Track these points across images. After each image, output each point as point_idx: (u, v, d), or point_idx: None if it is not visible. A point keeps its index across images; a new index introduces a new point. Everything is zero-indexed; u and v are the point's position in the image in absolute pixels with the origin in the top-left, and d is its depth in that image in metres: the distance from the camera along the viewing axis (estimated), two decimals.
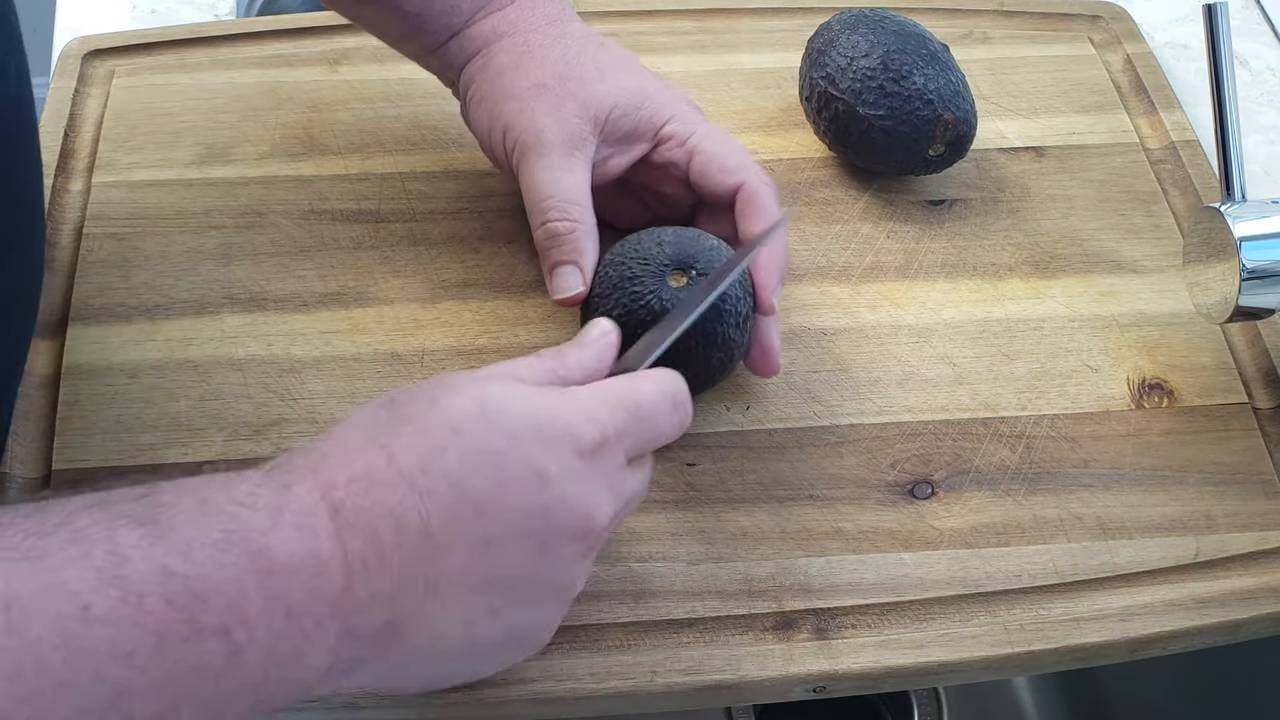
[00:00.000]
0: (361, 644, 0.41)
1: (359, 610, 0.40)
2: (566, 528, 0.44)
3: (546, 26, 0.60)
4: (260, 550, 0.38)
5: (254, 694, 0.38)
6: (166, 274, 0.63)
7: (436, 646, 0.43)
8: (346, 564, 0.40)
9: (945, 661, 0.53)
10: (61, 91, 0.70)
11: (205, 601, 0.37)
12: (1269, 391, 0.62)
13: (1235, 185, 0.60)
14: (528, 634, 0.46)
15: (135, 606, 0.35)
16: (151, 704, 0.36)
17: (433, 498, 0.41)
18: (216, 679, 0.37)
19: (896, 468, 0.58)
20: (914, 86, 0.64)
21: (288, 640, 0.38)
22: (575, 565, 0.45)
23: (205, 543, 0.38)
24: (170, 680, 0.36)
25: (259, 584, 0.38)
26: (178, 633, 0.36)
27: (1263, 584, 0.55)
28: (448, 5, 0.60)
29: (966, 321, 0.64)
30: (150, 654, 0.35)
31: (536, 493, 0.43)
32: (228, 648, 0.37)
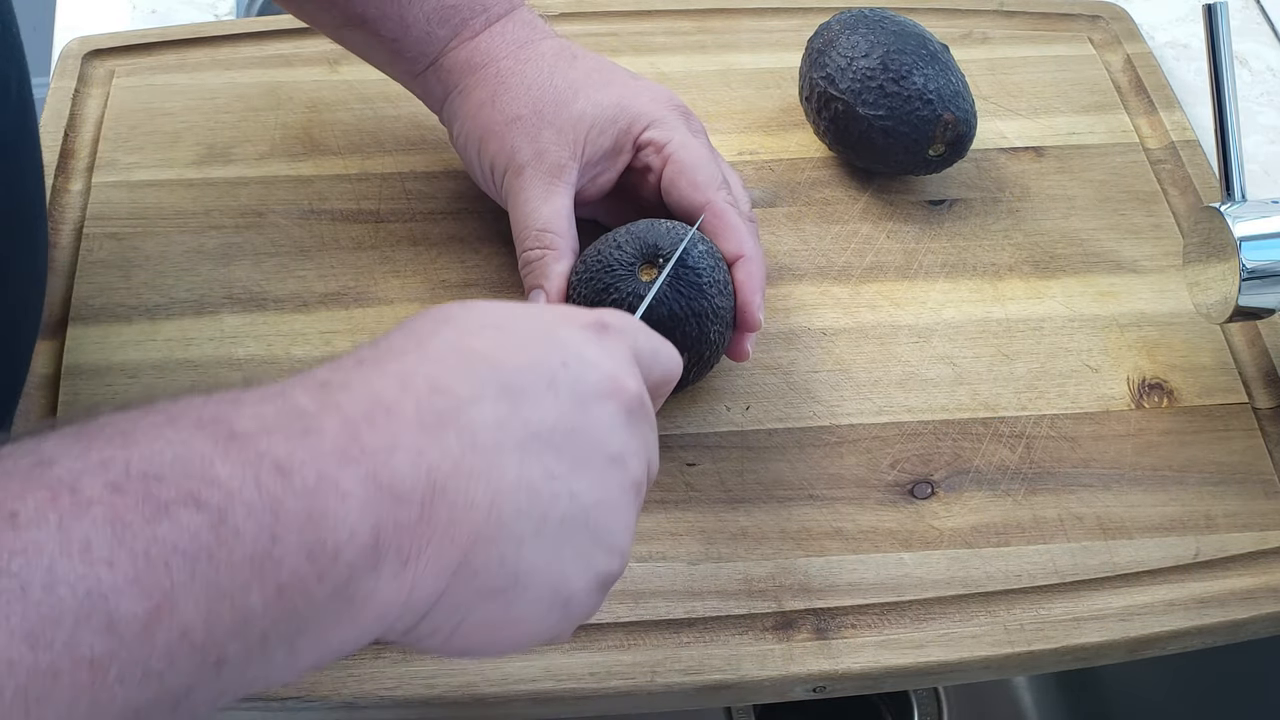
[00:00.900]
0: (406, 508, 0.35)
1: (381, 461, 0.35)
2: (592, 382, 0.40)
3: (516, 51, 0.61)
4: (216, 419, 0.34)
5: (275, 570, 0.33)
6: (166, 274, 0.63)
7: (501, 513, 0.37)
8: (343, 418, 0.35)
9: (945, 661, 0.53)
10: (61, 91, 0.70)
11: (159, 479, 0.32)
12: (1269, 391, 0.62)
13: (1235, 185, 0.60)
14: (599, 515, 0.40)
15: (71, 500, 0.30)
16: (137, 600, 0.30)
17: (438, 360, 0.38)
18: (211, 557, 0.31)
19: (896, 468, 0.58)
20: (914, 86, 0.64)
21: (290, 497, 0.33)
22: (619, 431, 0.40)
23: (145, 426, 0.33)
24: (149, 568, 0.30)
25: (224, 449, 0.33)
26: (136, 514, 0.31)
27: (1263, 584, 0.55)
28: (423, 33, 0.60)
29: (966, 321, 0.64)
30: (110, 543, 0.30)
31: (549, 348, 0.40)
32: (207, 517, 0.32)
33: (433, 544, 0.36)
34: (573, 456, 0.39)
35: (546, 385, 0.39)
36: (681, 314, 0.54)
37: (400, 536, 0.35)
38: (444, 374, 0.38)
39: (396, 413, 0.36)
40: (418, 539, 0.36)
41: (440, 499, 0.36)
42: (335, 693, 0.50)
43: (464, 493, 0.37)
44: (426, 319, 0.41)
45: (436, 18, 0.60)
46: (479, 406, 0.38)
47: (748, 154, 0.70)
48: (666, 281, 0.54)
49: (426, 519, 0.36)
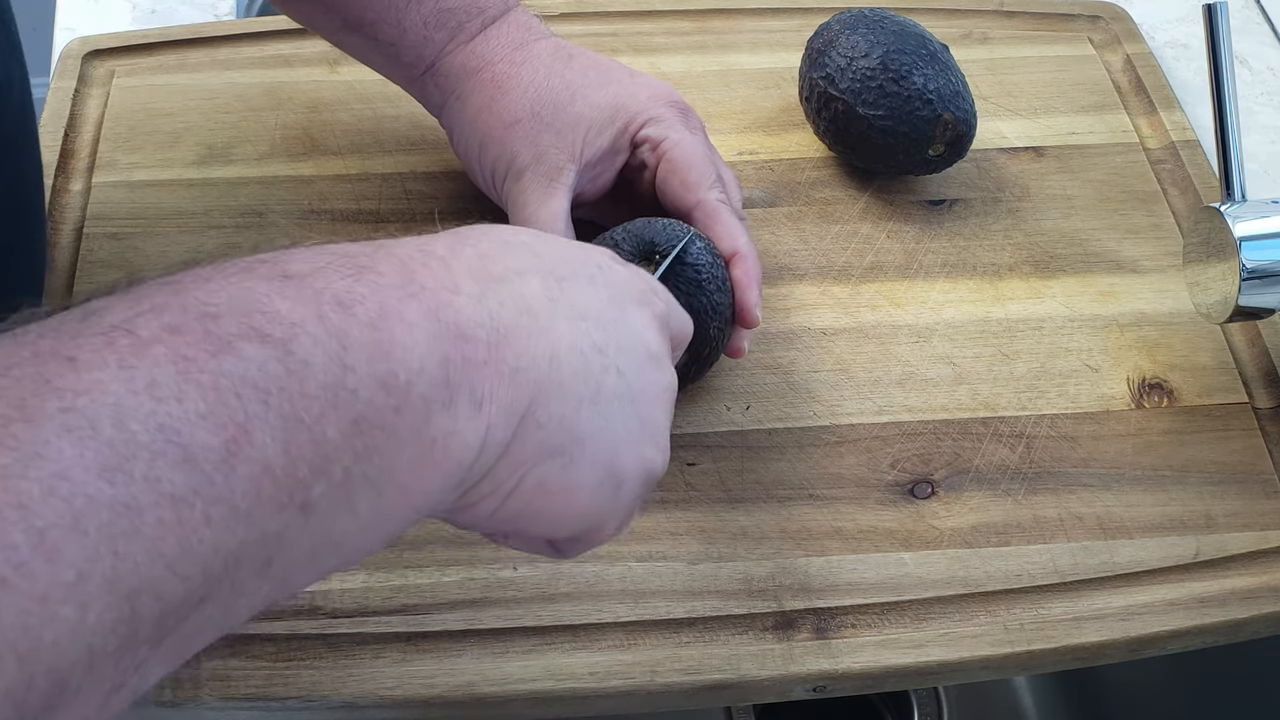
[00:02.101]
0: (473, 346, 0.35)
1: (442, 301, 0.35)
2: (624, 283, 0.42)
3: (513, 54, 0.61)
4: (266, 264, 0.33)
5: (350, 400, 0.32)
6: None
7: (560, 370, 0.37)
8: (399, 260, 0.35)
9: (945, 661, 0.53)
10: (61, 92, 0.70)
11: (216, 318, 0.30)
12: (1269, 391, 0.62)
13: (1235, 185, 0.60)
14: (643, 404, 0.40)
15: (128, 341, 0.29)
16: (211, 433, 0.29)
17: (479, 244, 0.38)
18: (282, 388, 0.30)
19: (896, 467, 0.58)
20: (914, 86, 0.64)
21: (355, 328, 0.32)
22: (655, 335, 0.42)
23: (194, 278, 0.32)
24: (220, 402, 0.29)
25: (279, 288, 0.32)
26: (199, 350, 0.30)
27: (1263, 584, 0.55)
28: (420, 37, 0.60)
29: (966, 321, 0.64)
30: (176, 380, 0.29)
31: (584, 256, 0.41)
32: (274, 350, 0.31)
33: (501, 388, 0.35)
34: (618, 339, 0.40)
35: (588, 279, 0.40)
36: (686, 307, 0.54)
37: (470, 374, 0.35)
38: (491, 250, 0.38)
39: (450, 264, 0.36)
40: (487, 380, 0.35)
41: (505, 344, 0.36)
42: (335, 692, 0.50)
43: (525, 344, 0.36)
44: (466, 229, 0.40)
45: (433, 21, 0.60)
46: (527, 279, 0.38)
47: (748, 154, 0.70)
48: (666, 278, 0.54)
49: (493, 361, 0.35)
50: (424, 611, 0.52)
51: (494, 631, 0.52)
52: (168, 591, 0.28)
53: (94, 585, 0.27)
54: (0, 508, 0.26)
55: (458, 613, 0.52)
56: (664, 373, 0.42)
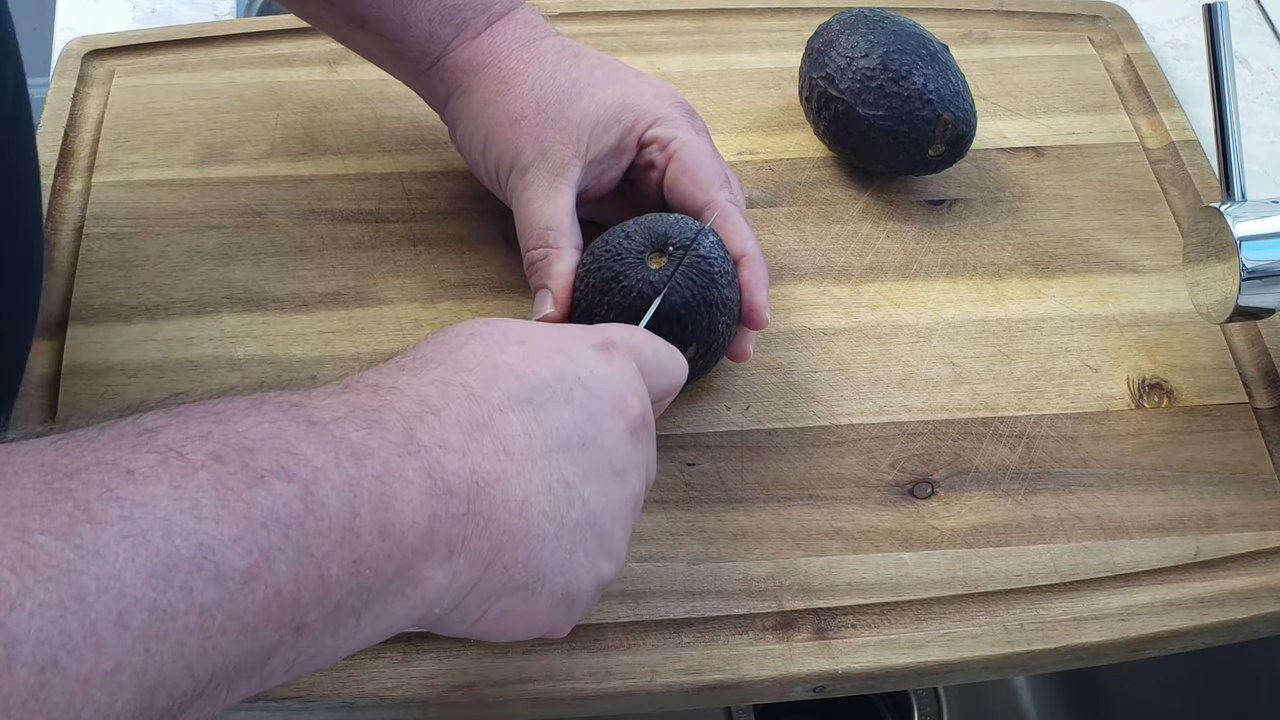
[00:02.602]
0: (456, 502, 0.39)
1: (434, 458, 0.39)
2: (604, 398, 0.44)
3: (519, 50, 0.61)
4: (296, 405, 0.38)
5: (354, 543, 0.36)
6: (166, 274, 0.63)
7: (529, 516, 0.41)
8: (400, 416, 0.39)
9: (945, 661, 0.53)
10: (61, 91, 0.70)
11: (253, 452, 0.35)
12: (1269, 391, 0.62)
13: (1235, 185, 0.60)
14: (604, 522, 0.44)
15: (179, 464, 0.34)
16: (240, 556, 0.33)
17: (469, 372, 0.42)
18: (301, 525, 0.35)
19: (896, 467, 0.58)
20: (914, 86, 0.64)
21: (365, 479, 0.37)
22: (624, 447, 0.45)
23: (233, 410, 0.36)
24: (250, 529, 0.34)
25: (306, 431, 0.37)
26: (237, 480, 0.34)
27: (1263, 584, 0.55)
28: (425, 33, 0.60)
29: (966, 321, 0.64)
30: (215, 504, 0.33)
31: (566, 366, 0.44)
32: (298, 489, 0.35)
33: (474, 536, 0.40)
34: (585, 466, 0.43)
35: (565, 399, 0.43)
36: (694, 302, 0.54)
37: (450, 527, 0.39)
38: (477, 383, 0.42)
39: (442, 416, 0.40)
40: (463, 530, 0.39)
41: (483, 496, 0.40)
42: (335, 692, 0.50)
43: (501, 492, 0.41)
44: (456, 333, 0.45)
45: (438, 17, 0.60)
46: (507, 416, 0.42)
47: (748, 154, 0.70)
48: (679, 271, 0.54)
49: (471, 513, 0.40)
50: None
51: None
52: (180, 689, 0.32)
53: (126, 676, 0.31)
54: (64, 598, 0.30)
55: None
56: (628, 484, 0.45)
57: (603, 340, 0.46)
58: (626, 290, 0.54)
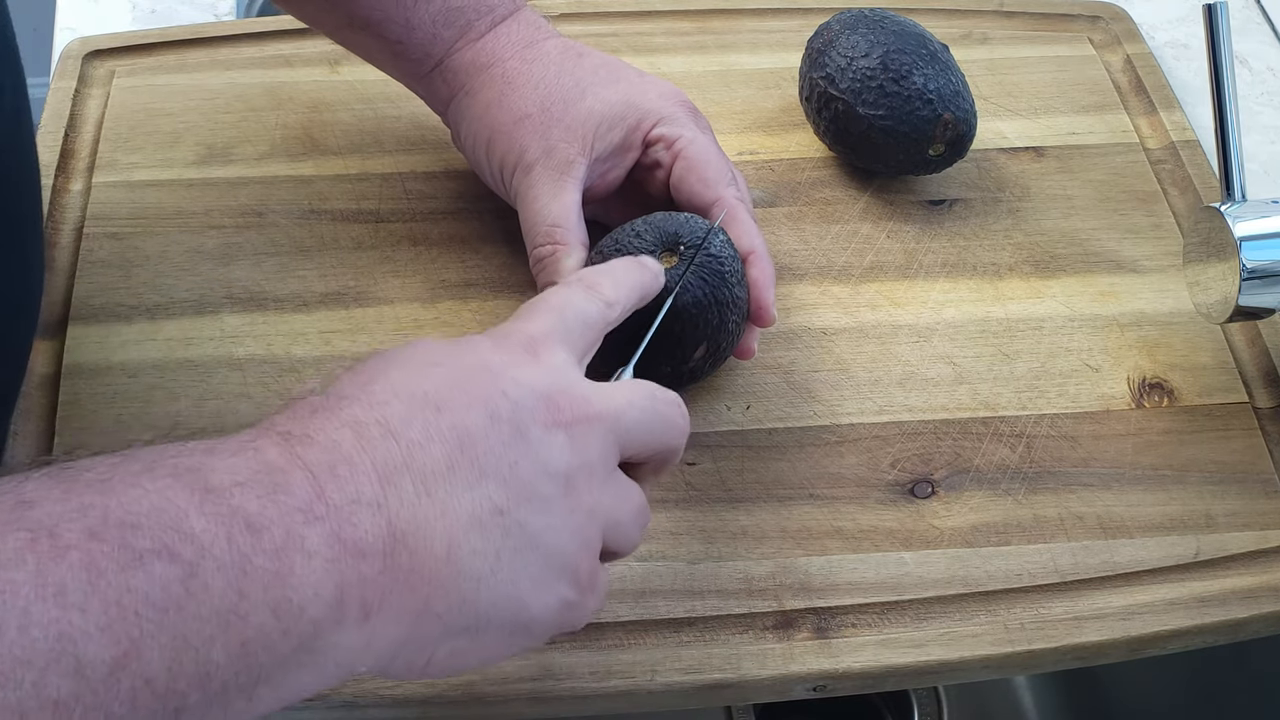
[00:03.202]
0: (370, 562, 0.37)
1: (344, 518, 0.37)
2: (530, 407, 0.42)
3: (522, 51, 0.61)
4: (193, 470, 0.35)
5: (240, 626, 0.34)
6: (166, 274, 0.63)
7: (458, 558, 0.39)
8: (308, 472, 0.37)
9: (945, 660, 0.53)
10: (61, 92, 0.70)
11: (136, 528, 0.33)
12: (1269, 391, 0.62)
13: (1235, 185, 0.60)
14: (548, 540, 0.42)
15: (49, 544, 0.31)
16: (105, 646, 0.31)
17: (385, 406, 0.40)
18: (180, 609, 0.33)
19: (897, 467, 0.58)
20: (914, 86, 0.64)
21: (259, 555, 0.34)
22: (561, 451, 0.42)
23: (124, 475, 0.34)
24: (120, 616, 0.32)
25: (199, 502, 0.34)
26: (112, 562, 0.32)
27: (1263, 583, 0.55)
28: (428, 35, 0.60)
29: (966, 321, 0.64)
30: (85, 589, 0.31)
31: (489, 381, 0.42)
32: (180, 570, 0.33)
33: (394, 593, 0.38)
34: (518, 487, 0.41)
35: (489, 418, 0.41)
36: (705, 302, 0.54)
37: (363, 589, 0.37)
38: (394, 418, 0.40)
39: (356, 464, 0.38)
40: (379, 590, 0.37)
41: (401, 549, 0.38)
42: (335, 692, 0.50)
43: (423, 540, 0.38)
44: (373, 363, 0.42)
45: (442, 19, 0.60)
46: (429, 450, 0.39)
47: (748, 154, 0.70)
48: (690, 270, 0.54)
49: (388, 569, 0.37)
50: None
51: None
52: None
53: None
54: None
55: None
56: (575, 489, 0.42)
57: (525, 340, 0.45)
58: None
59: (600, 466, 0.43)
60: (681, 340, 0.55)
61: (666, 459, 0.47)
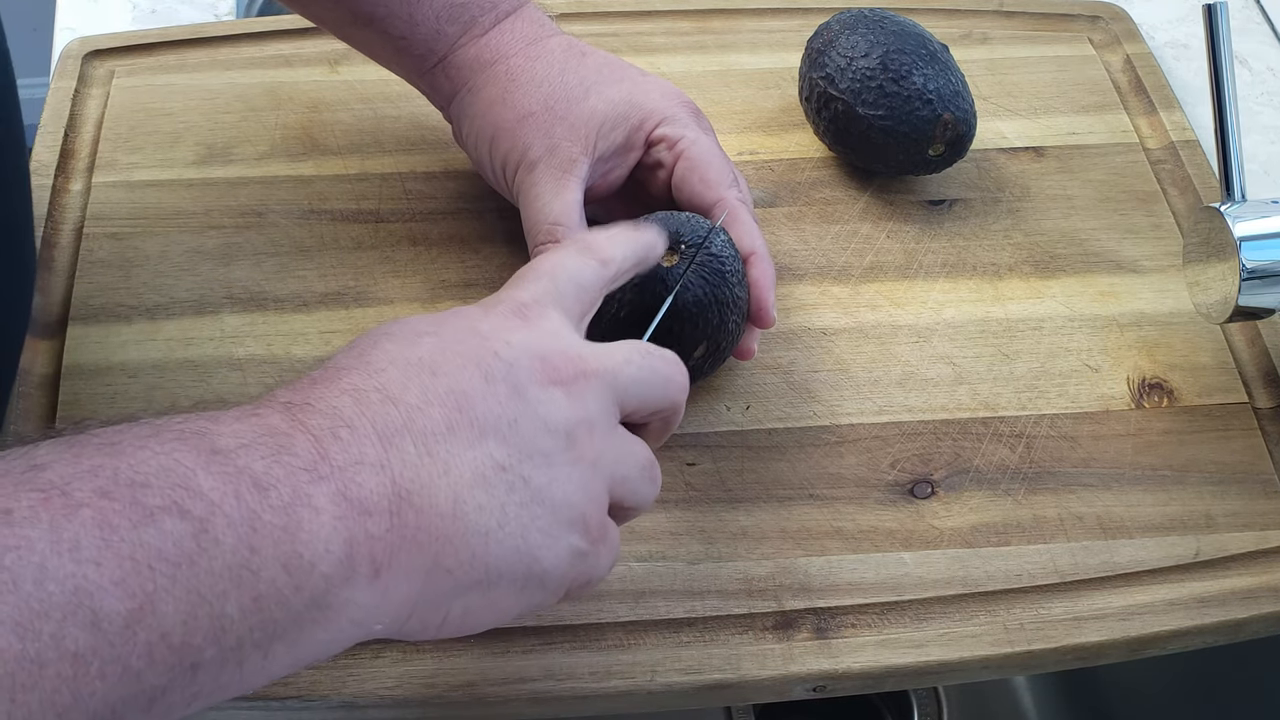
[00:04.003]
0: (376, 520, 0.38)
1: (349, 478, 0.37)
2: (525, 367, 0.42)
3: (526, 48, 0.61)
4: (199, 433, 0.36)
5: (253, 580, 0.35)
6: (166, 274, 0.63)
7: (464, 513, 0.40)
8: (311, 435, 0.38)
9: (945, 661, 0.53)
10: (61, 92, 0.70)
11: (145, 486, 0.34)
12: (1269, 391, 0.62)
13: (1235, 185, 0.60)
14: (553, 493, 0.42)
15: (62, 502, 0.32)
16: (121, 600, 0.32)
17: (382, 374, 0.41)
18: (193, 564, 0.33)
19: (896, 467, 0.58)
20: (914, 86, 0.64)
21: (268, 511, 0.35)
22: (559, 407, 0.42)
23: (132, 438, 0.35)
24: (134, 571, 0.32)
25: (206, 462, 0.35)
26: (124, 519, 0.33)
27: (1263, 584, 0.55)
28: (432, 30, 0.60)
29: (966, 321, 0.64)
30: (98, 544, 0.32)
31: (480, 344, 0.42)
32: (191, 526, 0.34)
33: (403, 550, 0.38)
34: (519, 444, 0.41)
35: (484, 379, 0.42)
36: (706, 300, 0.54)
37: (372, 546, 0.37)
38: (391, 384, 0.40)
39: (357, 428, 0.39)
40: (388, 547, 0.38)
41: (407, 506, 0.38)
42: (335, 692, 0.50)
43: (428, 497, 0.39)
44: (368, 336, 0.43)
45: (445, 15, 0.60)
46: (428, 413, 0.40)
47: (748, 154, 0.70)
48: (691, 269, 0.54)
49: (395, 527, 0.38)
50: None
51: (494, 631, 0.52)
52: None
53: None
54: None
55: None
56: (576, 445, 0.43)
57: (514, 305, 0.45)
58: (638, 288, 0.54)
59: (601, 421, 0.44)
60: (681, 339, 0.55)
61: (668, 418, 0.48)
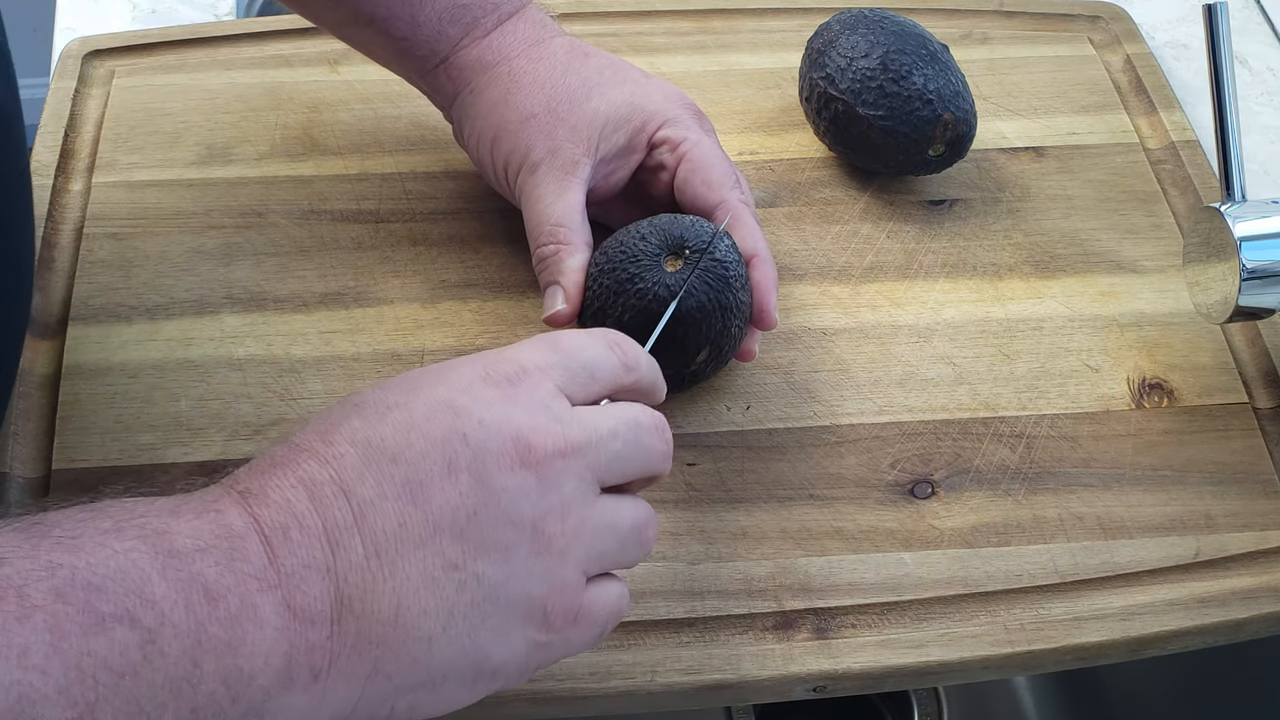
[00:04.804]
0: (317, 629, 0.37)
1: (295, 585, 0.37)
2: (496, 453, 0.40)
3: (529, 50, 0.61)
4: (160, 533, 0.36)
5: (191, 693, 0.35)
6: (166, 274, 0.63)
7: (406, 620, 0.39)
8: (263, 535, 0.37)
9: (945, 661, 0.53)
10: (61, 92, 0.70)
11: (100, 590, 0.34)
12: (1269, 391, 0.62)
13: (1235, 185, 0.60)
14: (510, 589, 0.40)
15: (16, 602, 0.32)
16: (63, 709, 0.32)
17: (340, 460, 0.39)
18: (136, 675, 0.34)
19: (897, 467, 0.58)
20: (914, 87, 0.64)
21: (214, 624, 0.35)
22: (528, 496, 0.40)
23: (93, 532, 0.35)
24: (79, 679, 0.33)
25: (162, 566, 0.35)
26: (75, 624, 0.33)
27: (1263, 584, 0.55)
28: (434, 32, 0.60)
29: (966, 321, 0.64)
30: (47, 650, 0.32)
31: (449, 423, 0.40)
32: (139, 636, 0.34)
33: (342, 657, 0.38)
34: (476, 540, 0.40)
35: (447, 469, 0.40)
36: (710, 306, 0.54)
37: (311, 655, 0.37)
38: (349, 473, 0.39)
39: (306, 526, 0.38)
40: (327, 654, 0.38)
41: (348, 614, 0.38)
42: None
43: (370, 604, 0.38)
44: (339, 407, 0.42)
45: (448, 16, 0.60)
46: (380, 508, 0.39)
47: (748, 154, 0.70)
48: (695, 275, 0.54)
49: (336, 635, 0.38)
50: None
51: None
52: None
53: None
54: None
55: None
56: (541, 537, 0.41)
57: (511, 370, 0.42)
58: (642, 293, 0.54)
59: (576, 502, 0.42)
60: (684, 344, 0.55)
61: (649, 482, 0.46)
